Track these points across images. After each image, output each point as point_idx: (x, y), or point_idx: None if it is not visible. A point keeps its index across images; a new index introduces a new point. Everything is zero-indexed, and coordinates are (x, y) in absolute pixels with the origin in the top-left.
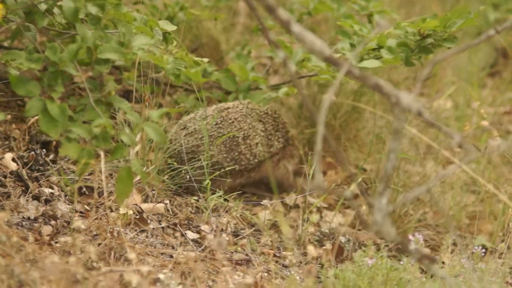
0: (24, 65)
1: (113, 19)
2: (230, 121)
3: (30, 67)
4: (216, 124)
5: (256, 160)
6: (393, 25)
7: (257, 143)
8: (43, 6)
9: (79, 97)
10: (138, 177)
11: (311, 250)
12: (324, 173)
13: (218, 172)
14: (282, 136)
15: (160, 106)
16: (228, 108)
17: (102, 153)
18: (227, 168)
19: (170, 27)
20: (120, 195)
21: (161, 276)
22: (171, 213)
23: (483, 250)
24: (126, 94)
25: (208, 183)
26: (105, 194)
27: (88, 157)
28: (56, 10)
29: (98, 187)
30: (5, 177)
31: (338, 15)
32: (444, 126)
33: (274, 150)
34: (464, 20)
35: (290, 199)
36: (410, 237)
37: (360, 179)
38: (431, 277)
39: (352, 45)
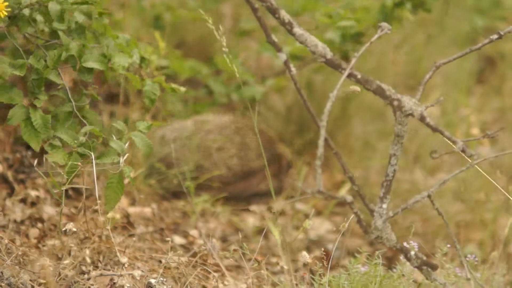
0: (7, 71)
1: (95, 31)
2: (204, 133)
3: (14, 73)
4: (190, 133)
5: (231, 174)
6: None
7: (231, 156)
8: (27, 12)
9: (60, 103)
10: (126, 180)
11: (305, 256)
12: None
13: (204, 177)
14: (267, 152)
15: (145, 109)
16: (205, 120)
17: (93, 156)
18: (213, 174)
19: (147, 54)
20: (110, 202)
21: (152, 280)
22: (157, 217)
23: (476, 259)
24: (111, 97)
25: (191, 186)
26: (97, 197)
27: (75, 160)
28: (39, 17)
29: (86, 190)
30: None
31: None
32: (445, 131)
33: (254, 166)
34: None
35: (278, 205)
36: (405, 244)
37: (358, 185)
38: (425, 286)
39: (330, 17)
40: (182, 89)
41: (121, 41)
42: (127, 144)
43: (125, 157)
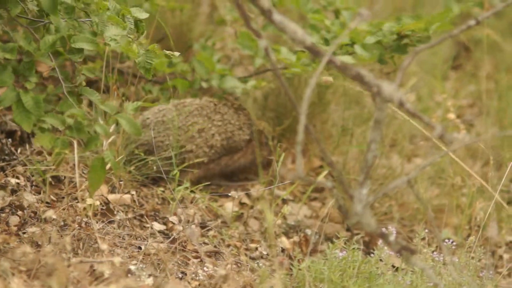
0: None
1: (85, 8)
2: (185, 115)
3: (5, 57)
4: (171, 116)
5: (213, 151)
6: (367, 22)
7: (213, 134)
8: None
9: (52, 87)
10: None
11: (284, 242)
12: (293, 164)
13: (186, 164)
14: (247, 128)
15: (125, 96)
16: (184, 102)
17: (75, 143)
18: (195, 161)
19: (143, 15)
20: (93, 185)
21: (132, 267)
22: (137, 204)
23: (454, 244)
24: (89, 85)
25: (176, 173)
26: (78, 184)
27: (62, 146)
28: None
29: (65, 177)
30: None
31: (305, 10)
32: (425, 116)
33: (238, 141)
34: (441, 23)
35: (257, 191)
36: (383, 229)
37: (336, 169)
38: (403, 270)
39: (326, 41)
40: (176, 53)
41: (111, 12)
42: (112, 128)
43: (109, 140)
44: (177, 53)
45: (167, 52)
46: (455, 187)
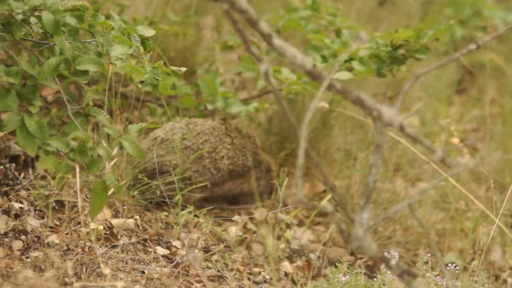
0: (2, 79)
1: (90, 29)
2: (196, 133)
3: (9, 81)
4: (182, 134)
5: (220, 175)
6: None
7: (222, 157)
8: (19, 16)
9: (58, 109)
10: (110, 191)
11: (286, 266)
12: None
13: (189, 188)
14: (252, 155)
15: (128, 120)
16: (196, 121)
17: (77, 167)
18: (199, 185)
19: (149, 32)
20: (95, 208)
21: None
22: (141, 228)
23: (457, 268)
24: None
25: (179, 198)
26: (80, 209)
27: (65, 170)
28: (32, 19)
29: (68, 202)
30: None
31: (306, 31)
32: (425, 140)
33: (241, 167)
34: (435, 30)
35: (261, 215)
36: (386, 254)
37: (337, 193)
38: None
39: (324, 58)
40: (183, 69)
41: (116, 32)
42: (115, 151)
43: (112, 163)
44: (183, 68)
45: (174, 68)
46: (459, 211)
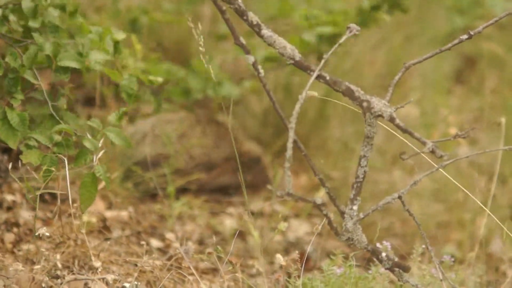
0: None
1: (70, 29)
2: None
3: None
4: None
5: (193, 164)
6: None
7: (193, 145)
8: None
9: (37, 105)
10: (102, 184)
11: (279, 258)
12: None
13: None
14: (228, 147)
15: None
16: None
17: (65, 159)
18: (194, 177)
19: (120, 36)
20: (85, 201)
21: (127, 285)
22: (134, 221)
23: (452, 259)
24: (88, 100)
25: (172, 191)
26: (71, 201)
27: (50, 163)
28: (12, 17)
29: (60, 194)
30: None
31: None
32: (415, 132)
33: (215, 158)
34: None
35: (256, 207)
36: (378, 245)
37: (329, 186)
38: (401, 286)
39: (307, 19)
40: (159, 79)
41: (94, 36)
42: (101, 142)
43: (99, 155)
44: (160, 79)
45: (151, 77)
46: (458, 203)
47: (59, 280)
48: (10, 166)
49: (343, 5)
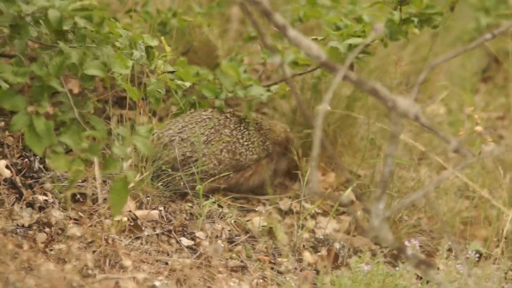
0: (10, 79)
1: (95, 39)
2: (191, 126)
3: (16, 81)
4: (182, 127)
5: (220, 167)
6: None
7: (221, 150)
8: (28, 18)
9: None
10: (131, 184)
11: (307, 256)
12: (323, 177)
13: (212, 178)
14: (260, 146)
15: (153, 113)
16: (193, 112)
17: (96, 160)
18: (221, 175)
19: (154, 42)
20: (115, 206)
21: (157, 283)
22: (165, 219)
23: (478, 256)
24: (120, 101)
25: (200, 188)
26: (100, 201)
27: (78, 165)
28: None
29: (92, 194)
30: None
31: (327, 20)
32: (440, 131)
33: (244, 160)
34: None
35: (285, 204)
36: (406, 243)
37: (355, 184)
38: (427, 283)
39: (338, 28)
40: (187, 84)
41: (124, 40)
42: (129, 149)
43: (129, 162)
44: (188, 83)
45: (178, 82)
46: (483, 200)
47: (90, 279)
48: (42, 167)
49: (371, 11)
